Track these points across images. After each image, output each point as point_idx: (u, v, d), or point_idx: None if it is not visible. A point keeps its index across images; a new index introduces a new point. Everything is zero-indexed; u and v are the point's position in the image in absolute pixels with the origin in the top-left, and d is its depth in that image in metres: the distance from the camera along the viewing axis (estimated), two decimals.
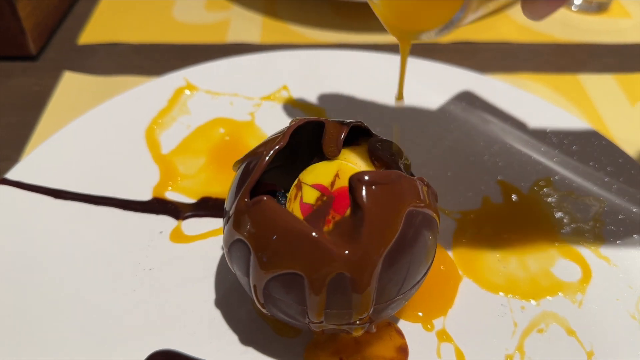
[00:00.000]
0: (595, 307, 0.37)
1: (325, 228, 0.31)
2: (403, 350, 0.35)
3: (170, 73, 0.53)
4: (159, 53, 0.62)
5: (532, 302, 0.38)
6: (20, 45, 0.59)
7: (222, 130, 0.49)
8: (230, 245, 0.31)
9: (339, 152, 0.33)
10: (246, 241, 0.30)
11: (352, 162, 0.32)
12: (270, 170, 0.35)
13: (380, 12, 0.31)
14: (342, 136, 0.33)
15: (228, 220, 0.31)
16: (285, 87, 0.53)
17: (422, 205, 0.30)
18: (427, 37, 0.29)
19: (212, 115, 0.50)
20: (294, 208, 0.32)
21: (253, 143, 0.48)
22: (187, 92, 0.52)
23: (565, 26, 0.68)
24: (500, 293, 0.38)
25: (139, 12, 0.68)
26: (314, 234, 0.28)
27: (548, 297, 0.38)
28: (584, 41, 0.65)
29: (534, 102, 0.51)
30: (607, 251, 0.41)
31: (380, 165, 0.33)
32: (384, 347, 0.35)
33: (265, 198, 0.29)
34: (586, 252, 0.41)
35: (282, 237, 0.29)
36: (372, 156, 0.33)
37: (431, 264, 0.32)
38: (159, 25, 0.66)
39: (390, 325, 0.36)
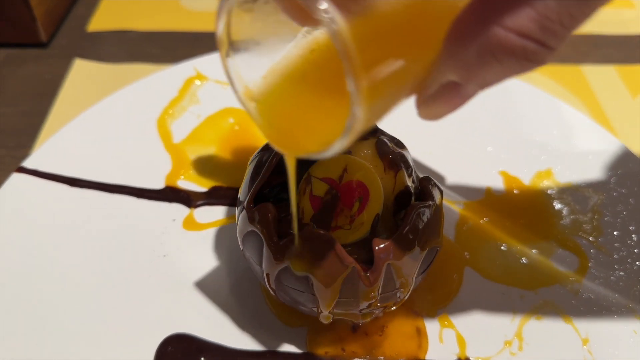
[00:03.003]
0: (591, 296, 0.39)
1: (334, 221, 0.32)
2: (419, 332, 0.37)
3: (181, 63, 0.54)
4: (168, 40, 0.62)
5: (531, 290, 0.39)
6: (31, 32, 0.59)
7: (231, 120, 0.50)
8: (244, 236, 0.33)
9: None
10: (259, 233, 0.31)
11: (359, 157, 0.34)
12: (281, 161, 0.37)
13: (260, 125, 0.26)
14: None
15: (242, 210, 0.33)
16: None
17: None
18: (315, 156, 0.24)
19: (221, 105, 0.51)
20: (304, 201, 0.33)
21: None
22: (197, 82, 0.53)
23: None
24: (501, 281, 0.40)
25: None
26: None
27: (546, 286, 0.39)
28: (586, 32, 0.66)
29: (536, 94, 0.52)
30: (604, 242, 0.42)
31: (387, 160, 0.34)
32: (399, 337, 0.37)
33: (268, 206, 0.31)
34: (584, 242, 0.42)
35: None
36: (380, 151, 0.34)
37: (436, 254, 0.34)
38: (167, 12, 0.67)
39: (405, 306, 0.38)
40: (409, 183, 0.34)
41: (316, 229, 0.31)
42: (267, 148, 0.34)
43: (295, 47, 0.25)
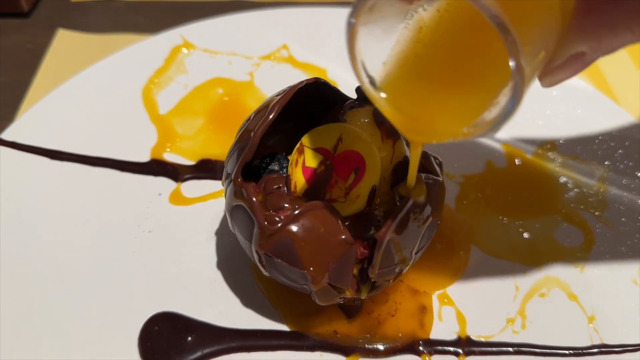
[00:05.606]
0: (597, 272, 0.37)
1: (328, 194, 0.30)
2: (423, 311, 0.35)
3: (167, 31, 0.52)
4: (155, 10, 0.60)
5: (534, 266, 0.38)
6: (12, 2, 0.57)
7: (220, 90, 0.48)
8: (232, 210, 0.31)
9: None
10: (248, 209, 0.29)
11: (356, 125, 0.32)
12: (272, 131, 0.35)
13: (389, 114, 0.25)
14: (350, 104, 0.33)
15: (230, 183, 0.31)
16: (285, 46, 0.52)
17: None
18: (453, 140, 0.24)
19: (210, 74, 0.49)
20: (296, 172, 0.31)
21: (252, 104, 0.47)
22: (185, 50, 0.51)
23: None
24: (502, 257, 0.38)
25: None
26: None
27: (550, 262, 0.38)
28: None
29: None
30: (610, 216, 0.40)
31: (384, 129, 0.32)
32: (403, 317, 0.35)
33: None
34: (589, 217, 0.40)
35: None
36: (377, 119, 0.32)
37: (436, 229, 0.32)
38: None
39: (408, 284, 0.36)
40: (408, 153, 0.32)
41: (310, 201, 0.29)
42: (252, 117, 0.32)
43: (405, 27, 0.24)
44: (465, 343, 0.34)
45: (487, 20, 0.18)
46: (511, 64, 0.19)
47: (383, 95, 0.24)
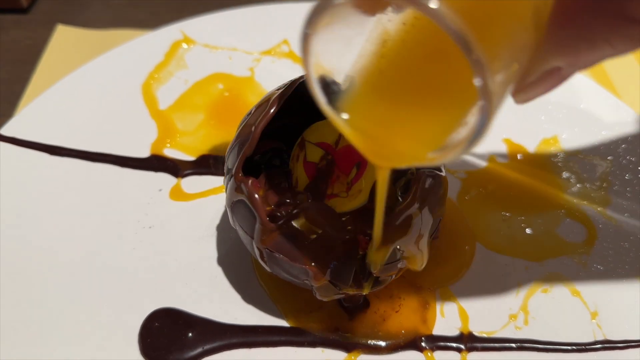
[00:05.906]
0: (600, 268, 0.37)
1: (330, 189, 0.30)
2: (426, 307, 0.35)
3: (167, 26, 0.51)
4: (155, 5, 0.60)
5: (537, 262, 0.37)
6: None
7: (220, 86, 0.48)
8: (233, 204, 0.30)
9: None
10: (249, 204, 0.29)
11: None
12: (273, 126, 0.34)
13: (353, 138, 0.23)
14: None
15: (230, 178, 0.31)
16: (285, 42, 0.52)
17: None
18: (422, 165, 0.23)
19: (210, 70, 0.49)
20: (297, 167, 0.31)
21: (253, 99, 0.46)
22: (185, 45, 0.50)
23: None
24: (505, 253, 0.38)
25: None
26: None
27: (553, 258, 0.38)
28: None
29: None
30: (613, 212, 0.40)
31: None
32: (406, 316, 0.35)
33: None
34: (592, 212, 0.40)
35: None
36: None
37: (439, 224, 0.32)
38: None
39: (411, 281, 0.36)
40: None
41: (311, 198, 0.29)
42: (255, 112, 0.31)
43: (368, 41, 0.22)
44: (467, 339, 0.34)
45: None
46: (476, 82, 0.17)
47: (344, 115, 0.22)
